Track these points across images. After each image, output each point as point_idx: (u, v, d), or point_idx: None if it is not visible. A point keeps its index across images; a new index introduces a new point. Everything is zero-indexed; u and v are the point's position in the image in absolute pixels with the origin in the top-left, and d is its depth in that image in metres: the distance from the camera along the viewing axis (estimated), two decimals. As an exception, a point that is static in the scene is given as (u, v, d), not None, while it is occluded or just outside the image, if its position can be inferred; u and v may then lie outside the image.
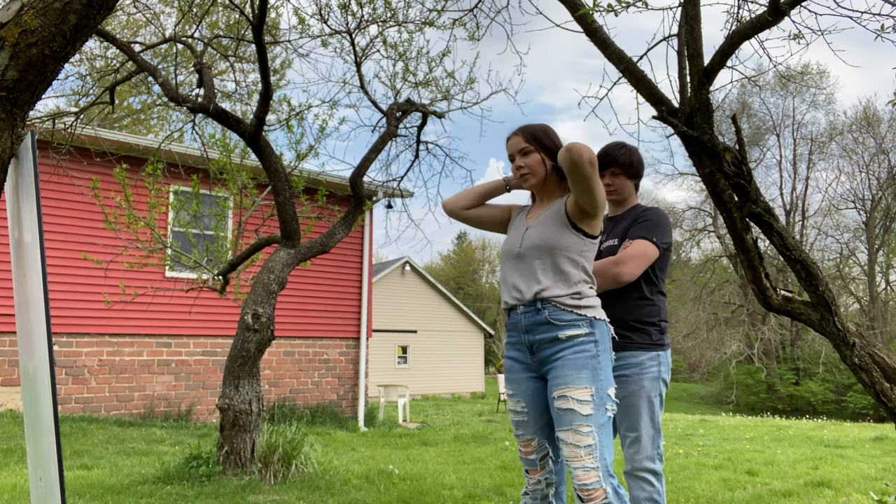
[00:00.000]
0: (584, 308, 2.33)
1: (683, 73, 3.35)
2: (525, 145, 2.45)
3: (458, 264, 53.23)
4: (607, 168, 2.85)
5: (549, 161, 2.45)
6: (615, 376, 2.75)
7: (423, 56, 6.57)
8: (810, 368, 30.88)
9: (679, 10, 3.42)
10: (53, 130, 6.53)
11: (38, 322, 1.75)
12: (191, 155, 8.62)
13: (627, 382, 2.67)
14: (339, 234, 5.90)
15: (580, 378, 2.25)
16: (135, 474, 5.01)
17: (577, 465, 2.20)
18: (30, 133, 1.79)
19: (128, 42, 5.64)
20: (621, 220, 2.87)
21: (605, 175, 2.85)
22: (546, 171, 2.45)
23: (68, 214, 9.25)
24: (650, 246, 2.69)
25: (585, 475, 2.18)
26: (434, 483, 5.17)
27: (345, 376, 12.07)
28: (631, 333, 2.70)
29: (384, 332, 23.03)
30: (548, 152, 2.45)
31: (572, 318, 2.30)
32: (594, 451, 2.20)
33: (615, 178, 2.87)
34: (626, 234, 2.78)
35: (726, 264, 34.43)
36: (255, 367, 5.02)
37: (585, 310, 2.33)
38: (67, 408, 9.18)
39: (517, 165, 2.49)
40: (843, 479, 5.57)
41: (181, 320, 10.05)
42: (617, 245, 2.78)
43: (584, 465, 2.19)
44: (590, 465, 2.19)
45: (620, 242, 2.77)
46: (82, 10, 1.72)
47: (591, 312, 2.33)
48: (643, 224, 2.75)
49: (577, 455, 2.20)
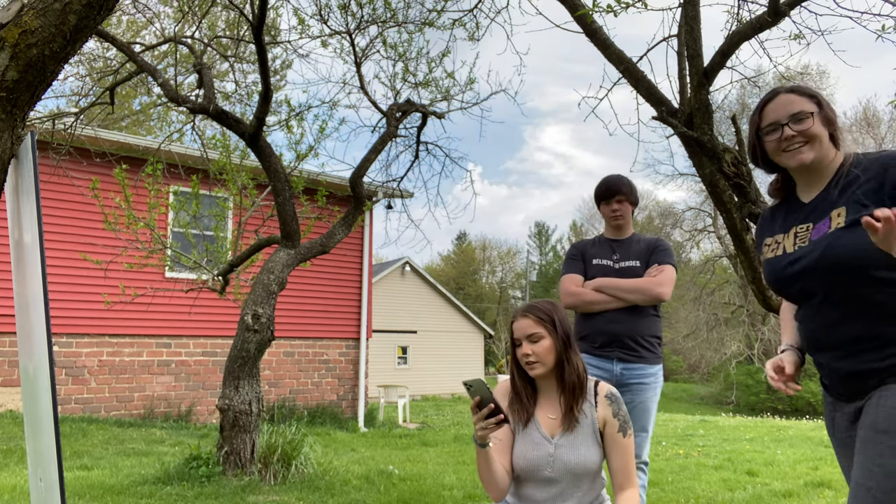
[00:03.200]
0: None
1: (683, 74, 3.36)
2: (536, 330, 2.16)
3: (458, 265, 53.22)
4: (614, 196, 3.23)
5: (559, 346, 2.17)
6: (637, 384, 3.03)
7: (422, 56, 6.57)
8: (810, 369, 30.61)
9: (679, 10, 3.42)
10: (53, 131, 6.53)
11: (38, 323, 1.75)
12: (191, 155, 8.62)
13: (643, 390, 3.07)
14: (339, 234, 5.90)
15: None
16: (135, 475, 5.01)
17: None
18: (30, 133, 1.79)
19: (128, 43, 5.64)
20: (630, 244, 3.25)
21: (611, 202, 3.24)
22: (555, 359, 2.17)
23: (68, 215, 9.25)
24: (674, 271, 3.16)
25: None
26: (434, 483, 5.16)
27: (345, 377, 12.07)
28: (647, 347, 3.10)
29: (384, 333, 23.02)
30: (557, 336, 2.17)
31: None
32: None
33: (621, 204, 3.24)
34: (643, 256, 3.17)
35: (726, 265, 34.42)
36: (255, 367, 5.02)
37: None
38: (67, 408, 9.18)
39: (523, 353, 2.17)
40: (842, 480, 5.56)
41: (181, 321, 10.04)
42: (639, 266, 3.14)
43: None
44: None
45: (643, 264, 3.15)
46: (82, 10, 1.72)
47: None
48: (665, 251, 3.20)
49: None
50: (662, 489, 5.23)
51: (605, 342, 3.08)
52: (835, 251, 1.68)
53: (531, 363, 2.16)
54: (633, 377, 3.03)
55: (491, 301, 49.52)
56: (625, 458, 2.14)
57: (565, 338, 2.17)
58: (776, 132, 1.79)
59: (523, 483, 2.18)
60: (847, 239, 1.66)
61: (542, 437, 2.16)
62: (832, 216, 1.74)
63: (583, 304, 3.15)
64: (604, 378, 2.95)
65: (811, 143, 1.76)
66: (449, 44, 6.45)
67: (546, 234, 55.79)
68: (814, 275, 1.73)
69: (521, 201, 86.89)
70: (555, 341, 2.16)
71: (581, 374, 2.18)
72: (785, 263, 1.81)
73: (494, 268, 54.33)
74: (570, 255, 3.37)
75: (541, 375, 2.18)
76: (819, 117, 1.77)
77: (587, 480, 2.15)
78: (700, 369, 36.94)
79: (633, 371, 3.04)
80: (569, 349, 2.18)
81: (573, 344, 2.20)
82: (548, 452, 2.13)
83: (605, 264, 3.21)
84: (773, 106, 1.81)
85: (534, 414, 2.21)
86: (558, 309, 2.23)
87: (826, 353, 1.79)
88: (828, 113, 1.78)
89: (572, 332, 2.22)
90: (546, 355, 2.15)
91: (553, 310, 2.21)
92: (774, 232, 1.88)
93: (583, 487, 2.15)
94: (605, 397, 2.18)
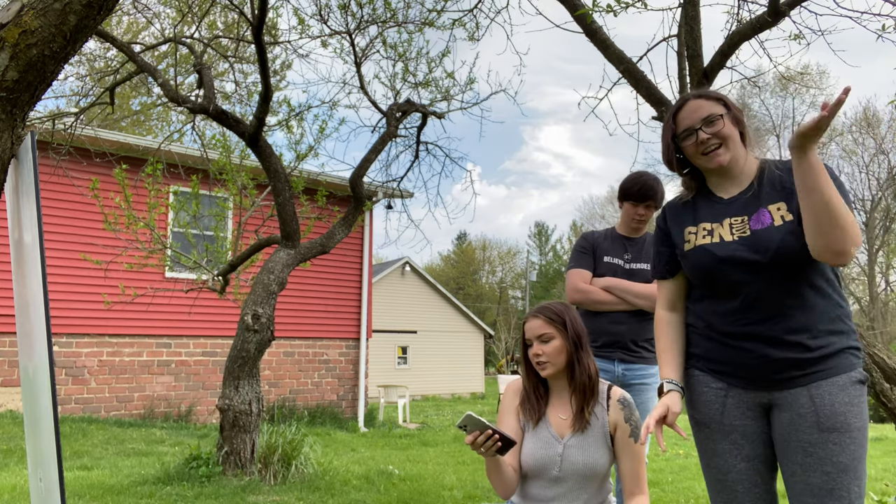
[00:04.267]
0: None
1: (683, 74, 3.36)
2: (546, 330, 2.18)
3: (459, 265, 53.21)
4: (645, 201, 3.08)
5: (570, 347, 2.18)
6: (639, 384, 3.03)
7: (422, 56, 6.57)
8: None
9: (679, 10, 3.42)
10: (53, 131, 6.53)
11: (38, 323, 1.75)
12: (191, 155, 8.62)
13: (644, 390, 3.06)
14: (339, 234, 5.90)
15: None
16: (135, 475, 5.01)
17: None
18: (30, 133, 1.79)
19: (128, 43, 5.64)
20: (643, 245, 3.17)
21: (640, 206, 3.09)
22: (566, 360, 2.18)
23: (68, 215, 9.25)
24: None
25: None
26: (434, 483, 5.16)
27: (345, 377, 12.07)
28: (649, 348, 3.08)
29: (384, 333, 23.02)
30: (567, 337, 2.19)
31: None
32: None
33: (648, 210, 3.12)
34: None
35: (726, 265, 34.40)
36: (255, 367, 5.02)
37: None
38: (67, 408, 9.18)
39: (534, 353, 2.19)
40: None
41: (181, 321, 10.04)
42: (649, 270, 3.05)
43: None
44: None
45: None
46: (82, 10, 1.72)
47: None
48: None
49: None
50: (662, 489, 5.23)
51: (608, 342, 3.07)
52: (790, 243, 1.79)
53: (541, 363, 2.18)
54: (635, 378, 3.03)
55: (491, 301, 49.50)
56: (635, 464, 2.14)
57: (576, 339, 2.18)
58: (692, 136, 1.91)
59: (530, 481, 2.18)
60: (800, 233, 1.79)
61: (551, 436, 2.17)
62: (771, 210, 1.86)
63: (590, 303, 3.10)
64: (605, 378, 2.96)
65: (725, 145, 1.89)
66: (449, 44, 6.46)
67: (546, 234, 55.81)
68: (761, 263, 1.82)
69: (520, 202, 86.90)
70: (565, 342, 2.17)
71: (592, 376, 2.19)
72: (730, 250, 1.87)
73: (494, 268, 54.32)
74: (579, 247, 3.24)
75: (551, 375, 2.20)
76: (728, 118, 1.90)
77: (594, 483, 2.15)
78: (700, 369, 36.89)
79: (634, 372, 3.04)
80: (580, 350, 2.18)
81: (585, 345, 2.21)
82: (557, 452, 2.14)
83: (615, 263, 3.14)
84: (684, 113, 1.94)
85: (545, 413, 2.22)
86: (570, 310, 2.24)
87: (750, 342, 1.84)
88: (735, 113, 1.92)
89: (585, 334, 2.22)
90: (556, 356, 2.17)
91: (565, 311, 2.22)
92: (697, 222, 1.98)
93: (589, 490, 2.15)
94: (617, 401, 2.17)
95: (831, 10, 3.19)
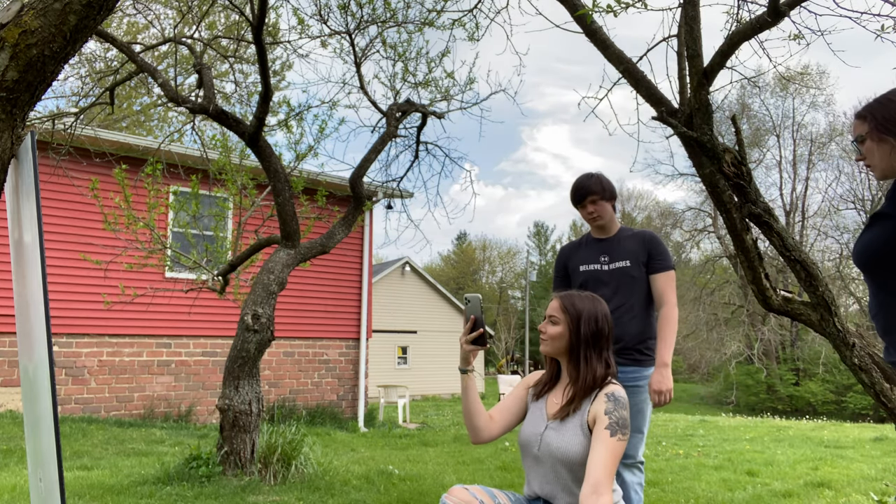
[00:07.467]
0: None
1: (683, 74, 3.35)
2: (556, 314, 2.29)
3: (458, 265, 53.22)
4: (586, 198, 3.15)
5: (573, 339, 2.25)
6: (632, 386, 3.01)
7: (422, 56, 6.57)
8: (810, 369, 30.87)
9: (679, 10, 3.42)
10: (53, 131, 6.53)
11: (38, 323, 1.75)
12: (190, 156, 8.62)
13: (637, 392, 3.04)
14: (339, 234, 5.90)
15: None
16: (135, 475, 5.01)
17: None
18: (30, 134, 1.79)
19: (128, 43, 5.64)
20: (619, 243, 3.17)
21: (586, 205, 3.16)
22: (565, 348, 2.26)
23: (68, 215, 9.25)
24: (673, 272, 3.15)
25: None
26: (434, 484, 5.16)
27: (345, 377, 12.07)
28: (646, 350, 3.09)
29: (384, 333, 23.03)
30: (572, 330, 2.27)
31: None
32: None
33: (595, 204, 3.15)
34: (633, 255, 3.11)
35: (726, 265, 34.42)
36: (255, 367, 5.02)
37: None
38: (67, 408, 9.18)
39: (540, 328, 2.34)
40: (843, 480, 5.57)
41: (181, 321, 10.05)
42: (629, 266, 3.09)
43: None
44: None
45: (634, 263, 3.10)
46: (82, 10, 1.72)
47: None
48: (660, 255, 3.13)
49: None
50: (662, 489, 5.23)
51: None
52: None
53: (542, 339, 2.33)
54: (628, 380, 3.01)
55: (491, 301, 49.50)
56: (605, 457, 2.03)
57: (587, 336, 2.24)
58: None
59: (524, 457, 2.30)
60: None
61: (541, 415, 2.29)
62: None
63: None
64: None
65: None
66: (449, 44, 6.46)
67: (545, 234, 55.85)
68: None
69: (517, 202, 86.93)
70: (569, 333, 2.26)
71: (597, 380, 2.20)
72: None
73: (494, 268, 54.37)
74: (554, 268, 3.36)
75: (547, 353, 2.34)
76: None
77: (573, 472, 2.14)
78: (700, 369, 36.94)
79: (626, 374, 3.03)
80: (588, 349, 2.23)
81: (597, 348, 2.24)
82: (539, 431, 2.25)
83: (592, 269, 3.16)
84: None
85: (546, 394, 2.35)
86: (593, 310, 2.26)
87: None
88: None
89: (603, 337, 2.24)
90: (555, 339, 2.27)
91: (583, 308, 2.27)
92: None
93: (567, 478, 2.15)
94: (604, 394, 2.17)
95: (831, 11, 3.19)
